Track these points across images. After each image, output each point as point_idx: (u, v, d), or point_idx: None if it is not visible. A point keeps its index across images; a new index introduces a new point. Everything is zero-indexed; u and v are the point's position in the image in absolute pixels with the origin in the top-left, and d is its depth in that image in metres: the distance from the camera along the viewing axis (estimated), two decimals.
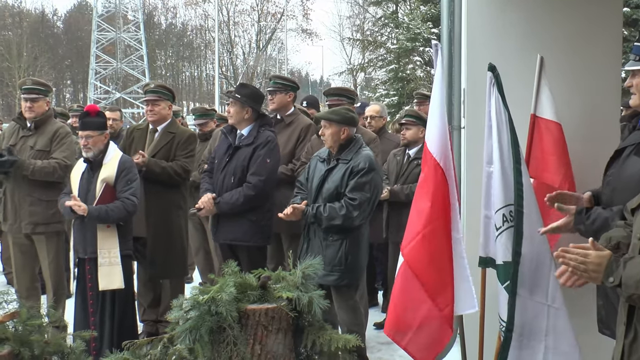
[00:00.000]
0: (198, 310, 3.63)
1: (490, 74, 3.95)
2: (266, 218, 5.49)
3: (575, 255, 2.55)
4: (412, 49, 22.17)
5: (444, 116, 4.01)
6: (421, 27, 21.83)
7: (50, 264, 5.99)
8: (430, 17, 22.12)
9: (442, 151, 3.97)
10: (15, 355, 3.53)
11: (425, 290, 3.91)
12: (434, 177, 3.97)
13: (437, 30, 21.56)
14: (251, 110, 5.53)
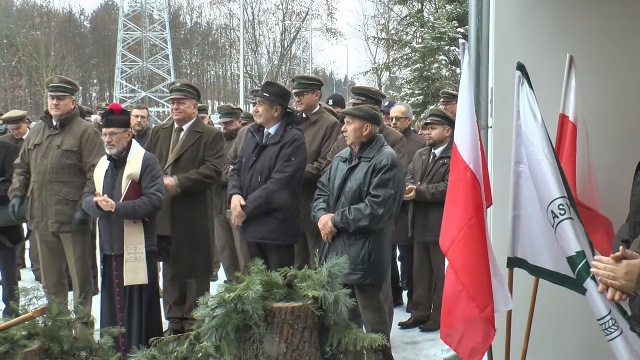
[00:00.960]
0: (224, 308, 3.63)
1: (518, 73, 3.91)
2: (293, 216, 5.50)
3: (604, 264, 2.48)
4: (438, 48, 22.07)
5: (473, 116, 3.94)
6: (446, 26, 21.73)
7: (76, 261, 6.06)
8: (455, 15, 22.01)
9: (472, 153, 3.89)
10: (45, 350, 3.57)
11: (466, 292, 3.85)
12: (464, 180, 3.89)
13: (462, 29, 21.46)
14: (280, 108, 5.54)
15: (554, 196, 3.64)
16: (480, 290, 3.83)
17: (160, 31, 56.90)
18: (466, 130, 3.94)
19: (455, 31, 21.61)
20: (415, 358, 5.71)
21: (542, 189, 3.73)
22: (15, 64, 58.42)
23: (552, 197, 3.64)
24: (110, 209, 5.08)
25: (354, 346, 3.76)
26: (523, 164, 3.90)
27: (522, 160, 3.90)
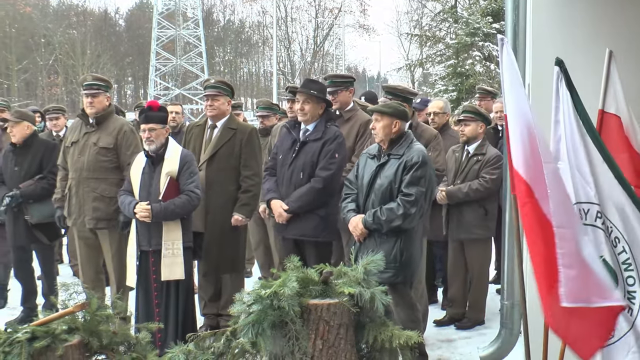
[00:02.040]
0: (261, 305, 3.64)
1: (557, 69, 3.85)
2: (334, 213, 5.50)
3: None
4: (472, 44, 21.86)
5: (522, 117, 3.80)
6: (481, 22, 21.52)
7: (113, 257, 6.12)
8: (490, 11, 21.79)
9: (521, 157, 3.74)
10: (85, 344, 3.62)
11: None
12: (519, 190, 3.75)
13: (497, 24, 21.24)
14: (325, 105, 5.54)
15: (584, 199, 3.63)
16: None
17: (193, 29, 57.26)
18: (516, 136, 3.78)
19: (489, 27, 21.40)
20: (451, 356, 5.67)
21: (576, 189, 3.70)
22: (52, 62, 59.31)
23: (584, 199, 3.63)
24: (148, 220, 5.17)
25: (389, 343, 3.75)
26: (562, 161, 3.83)
27: (560, 157, 3.84)
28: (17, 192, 6.38)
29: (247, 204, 6.00)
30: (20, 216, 6.46)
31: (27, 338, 3.42)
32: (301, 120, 5.60)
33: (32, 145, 6.57)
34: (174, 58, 57.29)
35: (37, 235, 6.51)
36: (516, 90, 3.82)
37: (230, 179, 6.03)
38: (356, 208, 5.02)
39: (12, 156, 6.56)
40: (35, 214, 6.42)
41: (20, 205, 6.42)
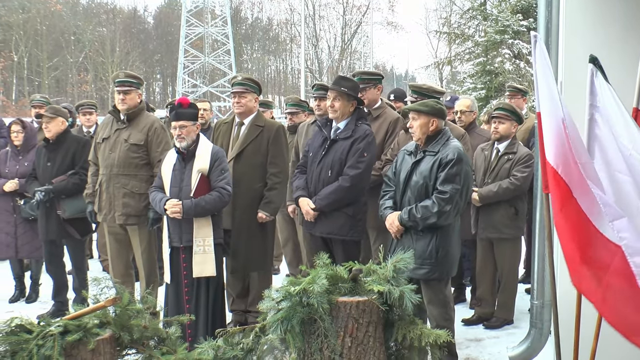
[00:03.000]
0: (290, 301, 3.65)
1: (591, 66, 3.81)
2: (362, 212, 5.50)
3: None
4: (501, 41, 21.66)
5: (557, 114, 3.76)
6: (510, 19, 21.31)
7: (143, 252, 6.18)
8: (519, 8, 21.57)
9: (558, 155, 3.70)
10: (116, 339, 3.66)
11: None
12: (556, 190, 3.71)
13: (526, 22, 21.02)
14: (355, 103, 5.54)
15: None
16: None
17: (222, 27, 57.55)
18: (550, 133, 3.75)
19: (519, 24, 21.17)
20: (479, 356, 5.63)
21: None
22: (82, 60, 60.02)
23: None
24: (178, 216, 5.22)
25: (418, 342, 3.74)
26: (595, 160, 3.79)
27: (594, 156, 3.79)
28: (50, 187, 6.46)
29: (271, 202, 6.01)
30: (53, 211, 6.54)
31: (60, 331, 3.46)
32: (331, 117, 5.59)
33: (64, 141, 6.65)
34: (202, 55, 57.60)
35: (68, 230, 6.58)
36: (549, 87, 3.78)
37: (258, 176, 6.04)
38: (393, 205, 5.03)
39: (45, 152, 6.64)
40: (67, 209, 6.49)
41: (53, 200, 6.50)
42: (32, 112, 8.80)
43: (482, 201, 6.16)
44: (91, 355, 3.50)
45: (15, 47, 55.52)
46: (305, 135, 6.61)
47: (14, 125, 7.25)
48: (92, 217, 6.33)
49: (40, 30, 57.09)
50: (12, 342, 3.46)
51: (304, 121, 7.60)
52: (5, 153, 7.36)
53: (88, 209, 6.32)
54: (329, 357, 3.62)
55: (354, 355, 3.64)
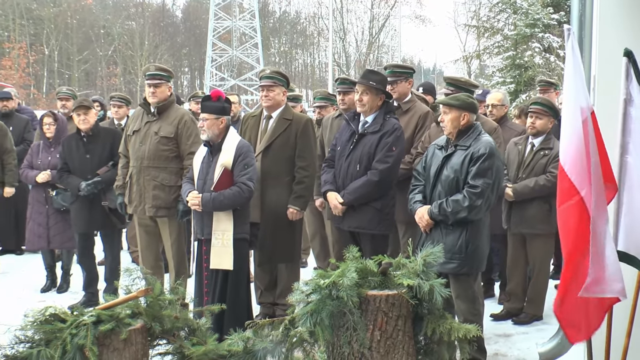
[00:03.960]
0: (319, 294, 3.65)
1: (625, 60, 3.76)
2: (390, 206, 5.49)
3: None
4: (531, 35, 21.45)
5: (580, 110, 3.73)
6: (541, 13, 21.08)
7: (172, 244, 6.23)
8: (550, 2, 21.33)
9: (569, 152, 3.69)
10: (148, 329, 3.70)
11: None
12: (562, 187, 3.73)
13: (557, 15, 20.79)
14: (384, 97, 5.52)
15: None
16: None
17: (249, 20, 57.58)
18: (566, 128, 3.75)
19: (549, 18, 20.95)
20: (508, 351, 5.60)
21: None
22: (111, 53, 60.47)
23: None
24: (198, 209, 5.25)
25: (448, 337, 3.73)
26: (629, 155, 3.74)
27: (628, 151, 3.75)
28: (98, 179, 6.53)
29: (301, 196, 6.02)
30: (97, 202, 6.61)
31: (93, 321, 3.52)
32: (360, 111, 5.58)
33: (99, 133, 6.71)
34: (230, 49, 57.71)
35: (113, 220, 6.66)
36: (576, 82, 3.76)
37: (286, 170, 6.05)
38: (423, 199, 5.01)
39: (80, 144, 6.68)
40: (113, 199, 6.55)
41: (99, 191, 6.58)
42: (58, 104, 8.89)
43: (516, 197, 6.09)
44: (123, 345, 3.55)
45: (46, 41, 56.13)
46: (330, 128, 6.60)
47: (45, 118, 7.34)
48: (123, 209, 6.39)
49: (70, 24, 57.62)
50: (46, 330, 3.52)
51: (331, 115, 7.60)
52: (37, 145, 7.46)
53: (119, 200, 6.38)
54: (357, 350, 3.61)
55: (383, 349, 3.64)
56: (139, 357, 3.64)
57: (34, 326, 3.57)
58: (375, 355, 3.62)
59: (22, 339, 3.58)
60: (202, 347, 3.82)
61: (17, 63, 50.00)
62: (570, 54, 3.84)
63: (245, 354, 3.83)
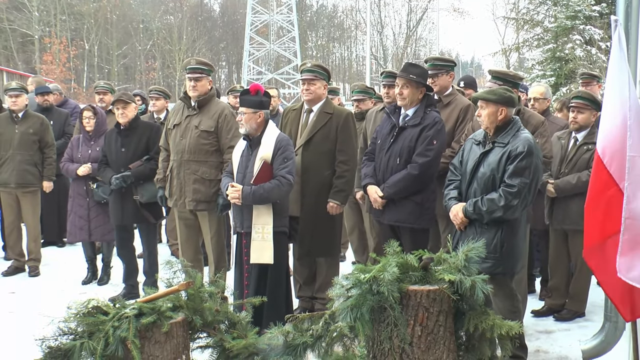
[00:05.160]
0: (360, 289, 3.62)
1: None
2: (430, 200, 5.44)
3: None
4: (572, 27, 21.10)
5: (623, 104, 3.67)
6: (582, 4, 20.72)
7: (212, 238, 6.26)
8: None
9: (609, 145, 3.65)
10: (189, 322, 3.72)
11: None
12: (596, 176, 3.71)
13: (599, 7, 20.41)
14: (424, 90, 5.47)
15: None
16: None
17: (287, 14, 57.67)
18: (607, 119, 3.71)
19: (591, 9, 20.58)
20: (550, 348, 5.51)
21: None
22: (150, 47, 61.11)
23: None
24: (238, 203, 5.26)
25: (490, 333, 3.67)
26: None
27: None
28: (128, 173, 6.58)
29: (341, 190, 6.00)
30: (129, 196, 6.67)
31: (135, 314, 3.54)
32: (400, 104, 5.54)
33: (137, 127, 6.76)
34: (267, 43, 57.89)
35: (144, 214, 6.71)
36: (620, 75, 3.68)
37: (326, 164, 6.03)
38: (458, 195, 4.90)
39: (118, 137, 6.76)
40: (145, 194, 6.61)
41: (130, 185, 6.63)
42: (96, 98, 9.00)
43: (558, 193, 5.98)
44: (164, 338, 3.57)
45: (86, 36, 56.94)
46: (374, 122, 6.56)
47: (85, 112, 7.42)
48: (163, 202, 6.44)
49: (110, 19, 58.39)
50: (89, 323, 3.56)
51: (370, 108, 7.56)
52: (77, 139, 7.55)
53: (159, 194, 6.43)
54: (398, 346, 3.58)
55: (424, 345, 3.60)
56: (180, 350, 3.66)
57: (77, 318, 3.61)
58: (416, 351, 3.59)
59: (66, 330, 3.61)
60: (242, 341, 3.82)
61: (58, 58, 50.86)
62: (616, 46, 3.77)
63: (285, 348, 3.83)
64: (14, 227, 8.12)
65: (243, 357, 3.81)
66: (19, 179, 7.84)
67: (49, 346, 3.60)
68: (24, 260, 8.12)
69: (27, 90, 8.33)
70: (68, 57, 52.83)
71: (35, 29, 52.47)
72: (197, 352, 3.95)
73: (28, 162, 7.87)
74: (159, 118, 8.63)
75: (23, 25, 52.37)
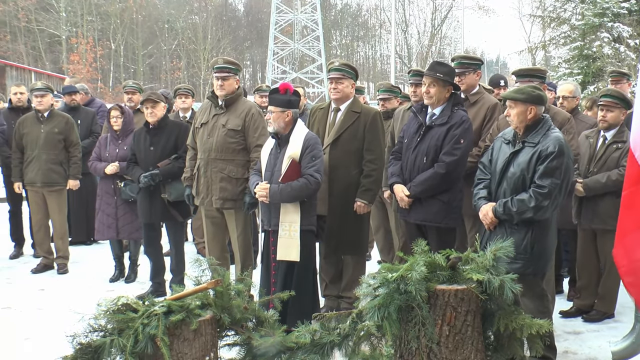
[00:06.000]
0: (387, 288, 3.62)
1: None
2: (457, 199, 5.42)
3: None
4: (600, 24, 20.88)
5: None
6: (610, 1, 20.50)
7: (239, 236, 6.28)
8: None
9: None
10: (217, 320, 3.73)
11: None
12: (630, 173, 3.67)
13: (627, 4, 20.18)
14: (451, 89, 5.44)
15: None
16: None
17: (311, 13, 57.59)
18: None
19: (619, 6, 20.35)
20: (579, 349, 5.45)
21: None
22: (175, 47, 61.45)
23: None
24: (265, 200, 5.28)
25: (520, 333, 3.65)
26: None
27: None
28: (156, 171, 6.62)
29: (369, 190, 6.00)
30: (157, 194, 6.71)
31: (164, 311, 3.56)
32: (427, 103, 5.52)
33: (165, 125, 6.80)
34: (292, 42, 57.91)
35: (172, 213, 6.75)
36: None
37: (353, 162, 6.03)
38: (488, 195, 4.87)
39: (147, 136, 6.80)
40: (172, 193, 6.65)
41: (158, 184, 6.67)
42: (125, 98, 9.08)
43: (587, 192, 5.91)
44: (193, 336, 3.59)
45: (112, 36, 57.42)
46: (401, 120, 6.55)
47: (113, 111, 7.49)
48: (190, 201, 6.47)
49: (136, 19, 58.83)
50: (119, 320, 3.59)
51: (395, 107, 7.55)
52: (105, 138, 7.62)
53: (186, 192, 6.46)
54: (426, 345, 3.58)
55: (451, 344, 3.59)
56: (208, 347, 3.68)
57: (107, 315, 3.64)
58: (444, 351, 3.58)
59: (96, 327, 3.65)
60: (270, 339, 3.83)
61: (84, 58, 51.37)
62: None
63: (313, 347, 3.83)
64: (42, 225, 8.22)
65: (270, 355, 3.82)
66: (44, 178, 7.93)
67: (79, 343, 3.64)
68: (52, 258, 8.22)
69: (52, 90, 8.42)
70: (94, 57, 53.30)
71: (63, 29, 53.05)
72: (224, 350, 3.97)
73: (53, 162, 7.96)
74: (185, 117, 8.68)
75: (51, 25, 53.01)
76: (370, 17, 64.67)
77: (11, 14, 51.59)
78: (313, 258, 5.65)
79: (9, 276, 7.94)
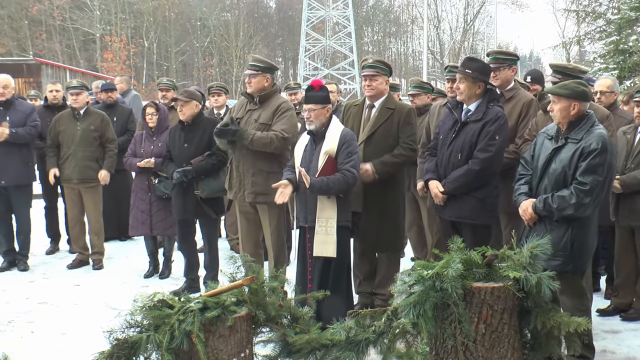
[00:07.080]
0: (422, 285, 3.59)
1: None
2: (493, 196, 5.36)
3: None
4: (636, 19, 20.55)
5: None
6: None
7: (272, 233, 6.29)
8: None
9: None
10: (252, 317, 3.74)
11: None
12: None
13: None
14: (483, 85, 5.39)
15: None
16: None
17: (343, 9, 57.60)
18: None
19: None
20: (617, 348, 5.36)
21: None
22: (207, 44, 61.87)
23: None
24: (307, 185, 5.26)
25: (558, 331, 3.59)
26: None
27: None
28: (189, 168, 6.65)
29: (385, 164, 5.91)
30: (190, 191, 6.73)
31: (200, 308, 3.58)
32: (459, 99, 5.48)
33: (199, 123, 6.81)
34: (323, 38, 57.95)
35: (205, 209, 6.78)
36: None
37: None
38: (528, 191, 4.80)
39: (181, 133, 6.83)
40: (205, 189, 6.68)
41: (191, 180, 6.71)
42: (159, 95, 9.15)
43: (624, 189, 5.80)
44: (229, 332, 3.60)
45: (145, 34, 57.99)
46: (437, 116, 6.51)
47: (148, 108, 7.55)
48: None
49: (168, 17, 59.34)
50: (154, 316, 3.61)
51: (425, 103, 7.51)
52: (140, 135, 7.69)
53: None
54: (462, 343, 3.54)
55: (488, 342, 3.55)
56: (244, 344, 3.69)
57: (143, 311, 3.67)
58: (480, 349, 3.54)
59: (132, 323, 3.68)
60: (305, 336, 3.83)
61: (118, 55, 52.00)
62: None
63: (348, 344, 3.82)
64: (77, 221, 8.32)
65: (305, 352, 3.82)
66: (80, 174, 8.02)
67: (116, 338, 3.68)
68: (87, 254, 8.31)
69: (87, 88, 8.52)
70: (128, 54, 53.95)
71: (97, 27, 53.73)
72: (259, 346, 3.98)
73: (89, 158, 8.05)
74: (219, 114, 8.72)
75: (85, 24, 53.75)
76: (402, 13, 64.50)
77: (46, 13, 52.42)
78: (348, 254, 5.64)
79: (45, 271, 8.05)
